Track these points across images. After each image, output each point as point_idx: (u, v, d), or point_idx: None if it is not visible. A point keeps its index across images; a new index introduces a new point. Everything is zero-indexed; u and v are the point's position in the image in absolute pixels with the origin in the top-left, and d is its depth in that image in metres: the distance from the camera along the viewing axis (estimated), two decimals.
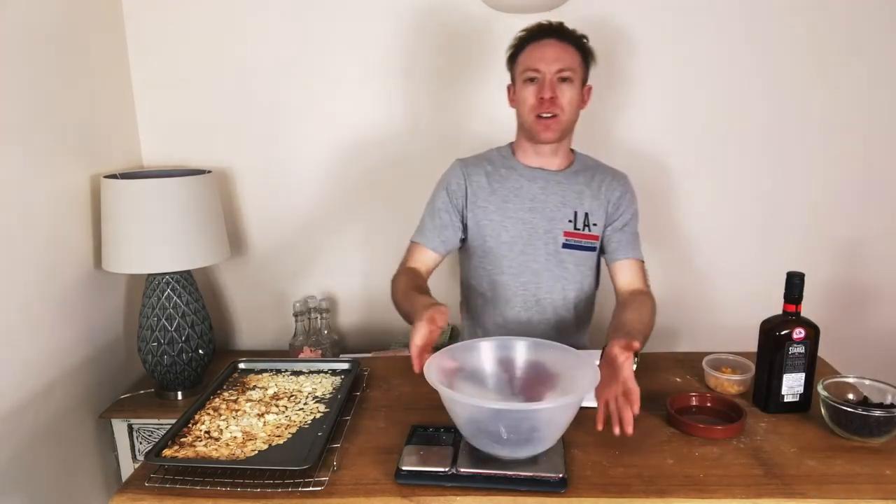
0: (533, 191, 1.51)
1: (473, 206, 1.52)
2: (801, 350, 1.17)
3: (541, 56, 1.43)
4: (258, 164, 2.00)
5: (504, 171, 1.53)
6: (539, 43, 1.45)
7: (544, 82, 1.42)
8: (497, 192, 1.51)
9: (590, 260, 1.55)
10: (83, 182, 1.70)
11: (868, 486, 0.97)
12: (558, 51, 1.43)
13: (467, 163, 1.56)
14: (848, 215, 2.00)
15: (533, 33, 1.47)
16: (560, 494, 0.95)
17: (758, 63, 1.91)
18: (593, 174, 1.55)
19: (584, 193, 1.52)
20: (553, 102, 1.42)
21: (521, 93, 1.46)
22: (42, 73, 1.55)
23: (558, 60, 1.42)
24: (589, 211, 1.52)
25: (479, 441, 1.00)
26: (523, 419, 0.96)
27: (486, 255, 1.53)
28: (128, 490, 0.98)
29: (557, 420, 0.99)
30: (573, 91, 1.44)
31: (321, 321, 1.98)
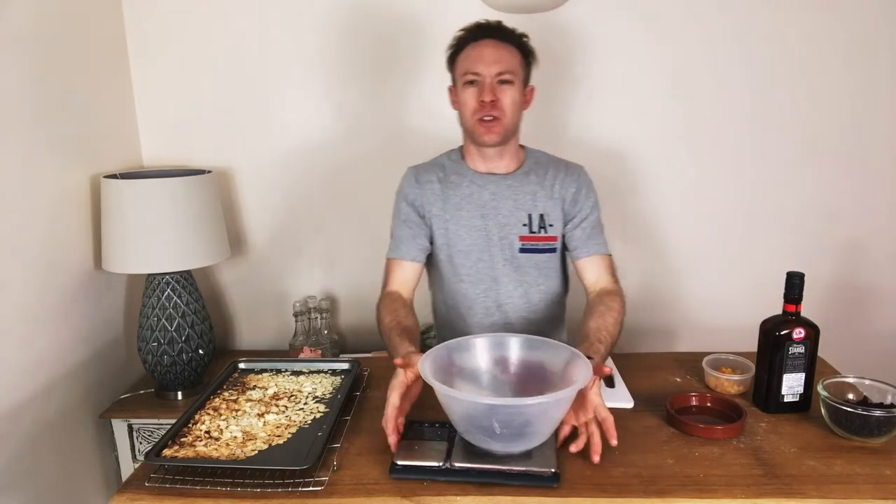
0: (484, 197, 1.48)
1: (430, 214, 1.50)
2: (801, 350, 1.17)
3: (479, 57, 1.39)
4: (258, 164, 2.00)
5: (455, 178, 1.51)
6: (478, 44, 1.41)
7: (484, 85, 1.38)
8: (450, 199, 1.49)
9: (551, 261, 1.52)
10: (83, 182, 1.70)
11: (868, 486, 0.97)
12: (498, 52, 1.40)
13: (419, 170, 1.54)
14: (848, 215, 2.00)
15: (471, 33, 1.43)
16: (559, 493, 0.95)
17: (756, 63, 1.91)
18: (545, 172, 1.51)
19: (537, 194, 1.49)
20: (494, 105, 1.38)
21: (462, 96, 1.42)
22: (42, 73, 1.55)
23: (498, 63, 1.38)
24: (544, 212, 1.48)
25: (474, 436, 1.01)
26: (516, 414, 0.97)
27: (444, 264, 1.52)
28: (128, 490, 0.98)
29: (550, 415, 1.00)
30: (514, 92, 1.40)
31: (321, 321, 1.98)
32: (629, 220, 2.03)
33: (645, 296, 2.05)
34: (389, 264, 1.51)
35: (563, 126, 1.96)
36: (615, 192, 2.01)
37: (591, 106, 1.95)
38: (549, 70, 1.84)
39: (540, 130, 1.69)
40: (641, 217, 2.03)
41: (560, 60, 1.91)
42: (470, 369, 1.14)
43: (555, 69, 1.90)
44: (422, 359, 1.05)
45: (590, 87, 1.94)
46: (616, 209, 2.02)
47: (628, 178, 2.00)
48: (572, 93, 1.94)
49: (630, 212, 2.02)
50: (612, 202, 2.01)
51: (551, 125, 1.95)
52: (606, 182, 1.99)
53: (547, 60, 1.71)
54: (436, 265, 1.55)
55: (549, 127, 1.93)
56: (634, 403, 1.22)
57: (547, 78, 1.66)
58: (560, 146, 1.64)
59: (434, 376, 1.00)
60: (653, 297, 2.07)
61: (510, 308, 1.51)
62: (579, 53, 1.91)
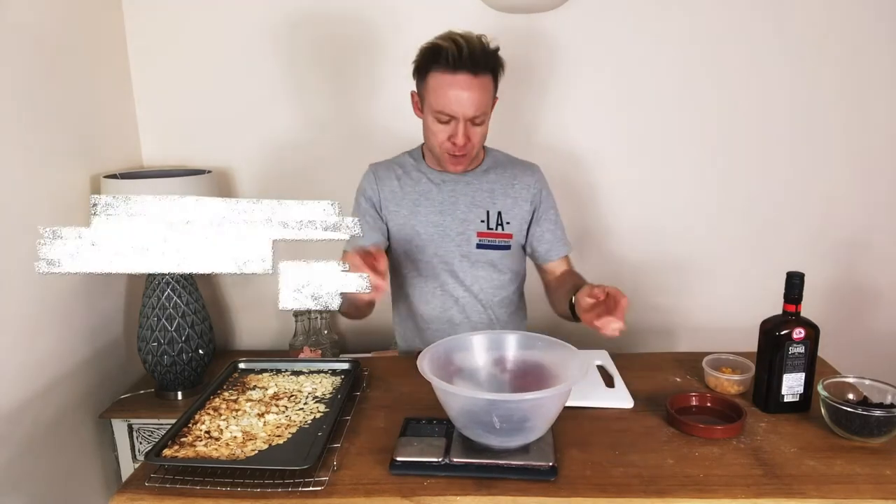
0: (443, 194, 1.50)
1: (387, 210, 1.52)
2: (801, 350, 1.17)
3: (456, 99, 1.32)
4: (258, 164, 2.00)
5: (415, 175, 1.52)
6: (453, 78, 1.32)
7: (457, 128, 1.36)
8: (408, 195, 1.51)
9: (506, 258, 1.54)
10: (83, 182, 1.70)
11: (868, 486, 0.97)
12: (473, 95, 1.33)
13: (379, 167, 1.56)
14: (848, 215, 2.01)
15: (445, 60, 1.32)
16: (559, 493, 0.95)
17: (758, 62, 1.91)
18: (504, 170, 1.53)
19: (495, 192, 1.51)
20: (464, 146, 1.38)
21: (432, 126, 1.39)
22: (42, 73, 1.55)
23: (473, 106, 1.33)
24: (502, 210, 1.51)
25: (472, 431, 1.02)
26: (515, 409, 0.98)
27: (402, 259, 1.54)
28: (128, 490, 0.98)
29: (548, 409, 1.01)
30: (485, 127, 1.40)
31: (321, 321, 1.98)
32: (629, 220, 2.03)
33: (645, 296, 2.05)
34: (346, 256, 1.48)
35: (554, 128, 1.96)
36: (615, 192, 2.01)
37: (588, 104, 1.95)
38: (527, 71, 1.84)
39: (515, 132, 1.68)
40: (642, 217, 2.03)
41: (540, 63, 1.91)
42: (468, 367, 1.14)
43: (533, 71, 1.90)
44: (420, 356, 1.06)
45: (588, 88, 1.94)
46: (616, 209, 2.02)
47: (627, 178, 2.00)
48: (570, 94, 1.94)
49: (630, 212, 2.03)
50: (611, 202, 2.02)
51: (532, 129, 1.95)
52: (607, 182, 2.00)
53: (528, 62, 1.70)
54: (392, 262, 1.56)
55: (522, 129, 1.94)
56: (634, 403, 1.22)
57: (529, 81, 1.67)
58: (551, 146, 1.65)
59: (433, 374, 1.00)
60: (653, 297, 2.07)
61: (466, 302, 1.53)
62: (572, 55, 1.91)
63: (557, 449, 1.04)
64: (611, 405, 1.21)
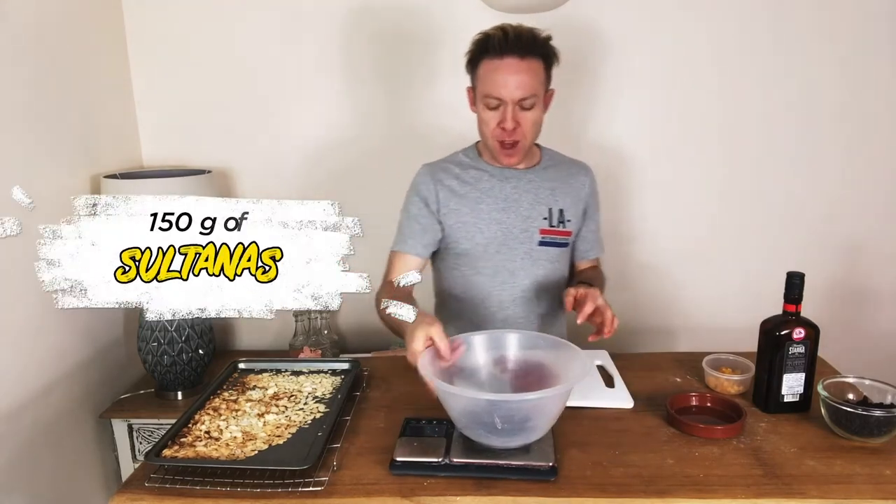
0: (505, 190, 1.49)
1: (446, 209, 1.50)
2: (801, 350, 1.17)
3: (503, 83, 1.33)
4: (258, 163, 2.00)
5: (474, 173, 1.51)
6: (501, 63, 1.34)
7: (506, 113, 1.35)
8: (469, 194, 1.49)
9: (564, 255, 1.55)
10: (83, 182, 1.70)
11: (868, 486, 0.97)
12: (520, 77, 1.33)
13: (435, 167, 1.54)
14: (848, 215, 2.00)
15: (494, 48, 1.34)
16: (559, 493, 0.95)
17: (757, 62, 1.91)
18: (561, 169, 1.55)
19: (556, 190, 1.51)
20: (515, 131, 1.38)
21: (483, 114, 1.40)
22: (42, 73, 1.55)
23: (520, 88, 1.33)
24: (563, 207, 1.51)
25: (474, 432, 1.02)
26: (517, 409, 0.98)
27: (460, 258, 1.52)
28: (128, 490, 0.98)
29: (549, 409, 1.01)
30: (536, 113, 1.38)
31: (321, 321, 1.98)
32: (630, 219, 2.03)
33: (645, 296, 2.05)
34: (393, 256, 1.52)
35: (565, 125, 1.96)
36: (614, 192, 2.01)
37: (589, 105, 1.95)
38: None
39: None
40: (642, 217, 2.03)
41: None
42: (469, 367, 1.14)
43: None
44: (420, 357, 1.05)
45: (587, 87, 1.94)
46: (616, 209, 2.02)
47: (628, 177, 2.00)
48: (568, 92, 1.94)
49: (630, 212, 2.02)
50: (611, 202, 2.02)
51: None
52: (606, 181, 2.00)
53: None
54: (447, 261, 1.55)
55: None
56: (634, 403, 1.22)
57: None
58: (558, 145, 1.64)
59: (433, 374, 1.00)
60: (653, 297, 2.07)
61: (524, 300, 1.52)
62: (573, 55, 1.91)
63: (557, 449, 1.04)
64: (611, 405, 1.21)
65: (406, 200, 1.54)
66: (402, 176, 1.96)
